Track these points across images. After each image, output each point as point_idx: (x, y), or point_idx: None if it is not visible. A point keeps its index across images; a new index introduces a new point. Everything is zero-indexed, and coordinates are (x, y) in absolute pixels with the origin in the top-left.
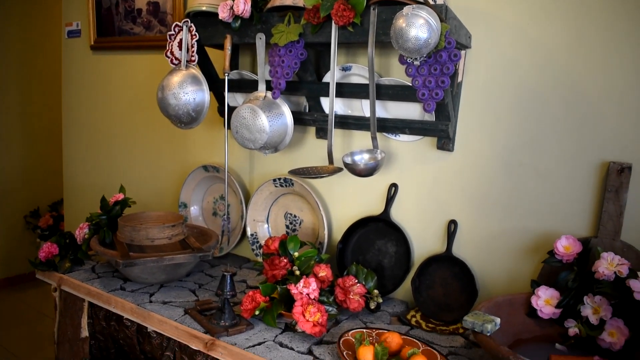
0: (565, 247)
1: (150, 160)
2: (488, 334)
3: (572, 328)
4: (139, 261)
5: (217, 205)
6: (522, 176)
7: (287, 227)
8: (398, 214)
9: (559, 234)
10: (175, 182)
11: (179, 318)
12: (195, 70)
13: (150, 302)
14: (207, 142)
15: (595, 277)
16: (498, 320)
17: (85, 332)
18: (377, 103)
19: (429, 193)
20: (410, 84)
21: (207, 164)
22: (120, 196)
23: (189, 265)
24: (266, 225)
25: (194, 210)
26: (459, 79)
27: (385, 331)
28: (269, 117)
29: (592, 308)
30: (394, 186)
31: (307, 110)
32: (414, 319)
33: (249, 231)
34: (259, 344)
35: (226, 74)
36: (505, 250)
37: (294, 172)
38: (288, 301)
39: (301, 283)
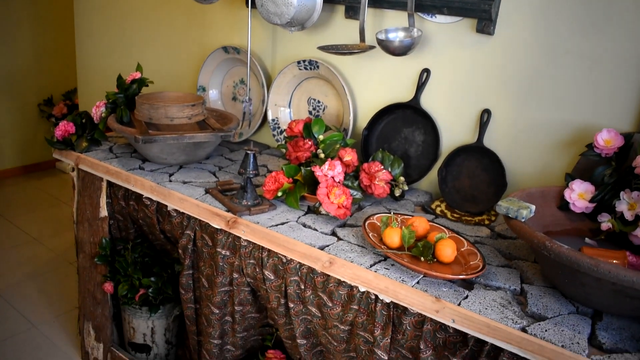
0: (606, 140)
1: (167, 42)
2: (522, 220)
3: (605, 223)
4: (159, 138)
5: (237, 90)
6: (566, 65)
7: (310, 113)
8: (428, 102)
9: (599, 128)
10: (193, 64)
11: (199, 197)
12: None
13: (170, 181)
14: (228, 22)
15: (635, 173)
16: (533, 207)
17: (104, 212)
18: None
19: (464, 80)
20: None
21: (227, 45)
22: (137, 74)
23: (209, 147)
24: (288, 110)
25: (212, 94)
26: None
27: (412, 216)
28: None
29: (628, 204)
30: (426, 72)
31: None
32: (438, 209)
33: (270, 116)
34: (282, 223)
35: None
36: (540, 143)
37: (323, 48)
38: (312, 184)
39: (326, 165)
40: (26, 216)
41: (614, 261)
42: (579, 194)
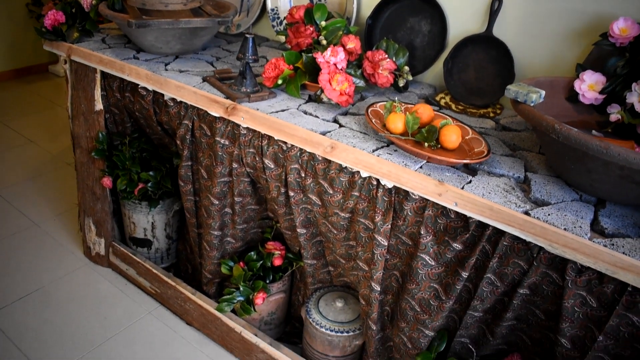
0: (622, 29)
1: None
2: (532, 104)
3: (615, 114)
4: (153, 22)
5: None
6: None
7: (312, 1)
8: None
9: (615, 17)
10: None
11: (197, 85)
12: None
13: (166, 70)
14: None
15: None
16: (543, 92)
17: (99, 105)
18: None
19: None
20: None
21: None
22: None
23: (205, 36)
24: (288, 0)
25: None
26: None
27: (415, 105)
28: None
29: (639, 96)
30: None
31: None
32: (443, 101)
33: (269, 5)
34: (282, 110)
35: None
36: (552, 32)
37: None
38: (313, 72)
39: (328, 51)
40: (21, 119)
41: None
42: (590, 85)
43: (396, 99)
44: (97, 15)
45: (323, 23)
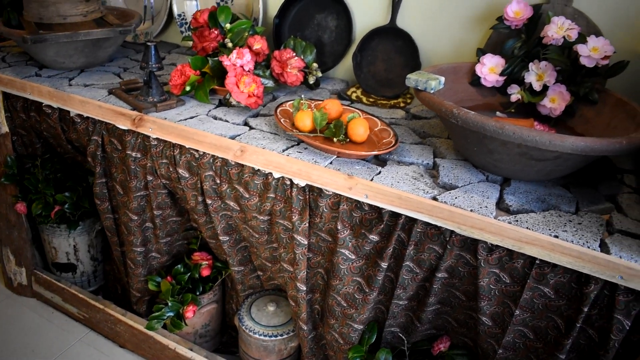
0: (516, 12)
1: None
2: (431, 92)
3: (515, 94)
4: (50, 36)
5: None
6: None
7: (218, 4)
8: None
9: (509, 0)
10: None
11: (102, 98)
12: None
13: (70, 85)
14: None
15: (543, 43)
16: (442, 79)
17: (4, 128)
18: None
19: None
20: None
21: None
22: None
23: (110, 47)
24: (195, 3)
25: None
26: None
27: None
28: None
29: (536, 74)
30: None
31: None
32: (354, 94)
33: (175, 11)
34: (191, 117)
35: None
36: (453, 20)
37: None
38: (221, 75)
39: (234, 54)
40: None
41: None
42: (490, 68)
43: (302, 97)
44: None
45: (228, 25)
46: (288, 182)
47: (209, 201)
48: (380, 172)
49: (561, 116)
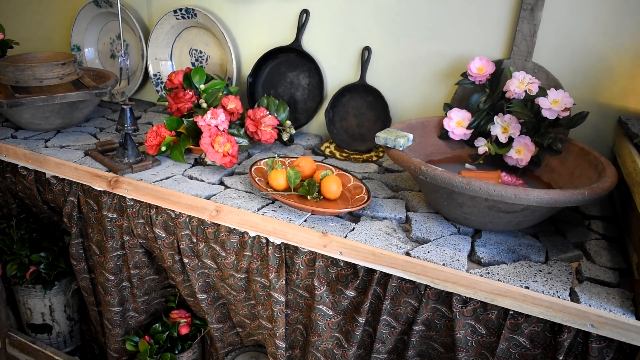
0: (479, 68)
1: (38, 1)
2: (400, 149)
3: (482, 147)
4: (26, 100)
5: (114, 46)
6: None
7: (193, 64)
8: (310, 43)
9: (473, 57)
10: (66, 23)
11: (78, 160)
12: None
13: (46, 147)
14: None
15: (506, 97)
16: (411, 136)
17: None
18: None
19: (342, 18)
20: None
21: None
22: None
23: (86, 108)
24: (170, 63)
25: (88, 52)
26: None
27: (299, 157)
28: None
29: (501, 127)
30: (305, 12)
31: None
32: (328, 150)
33: (151, 71)
34: (167, 178)
35: None
36: (420, 76)
37: None
38: (196, 135)
39: (208, 114)
40: None
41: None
42: (457, 122)
43: (276, 155)
44: None
45: (202, 86)
46: (264, 240)
47: (186, 260)
48: (354, 229)
49: (528, 166)
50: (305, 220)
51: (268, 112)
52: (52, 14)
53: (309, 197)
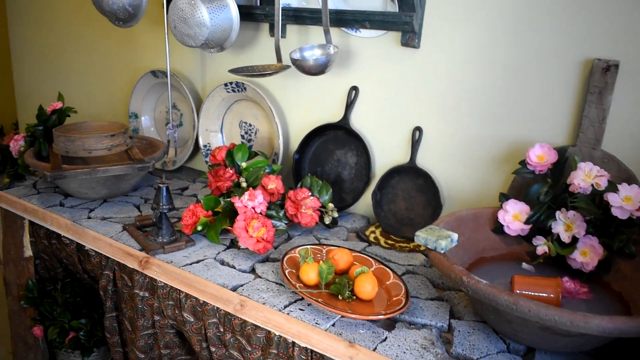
0: (539, 156)
1: (101, 69)
2: (442, 252)
3: (541, 246)
4: (69, 173)
5: (170, 115)
6: (496, 77)
7: (243, 137)
8: (359, 121)
9: (533, 143)
10: (126, 91)
11: (115, 235)
12: None
13: (89, 218)
14: (156, 44)
15: (569, 191)
16: (455, 236)
17: (28, 252)
18: None
19: (393, 97)
20: None
21: (155, 69)
22: (58, 105)
23: (132, 179)
24: (220, 136)
25: (145, 120)
26: None
27: (337, 247)
28: (209, 9)
29: (564, 224)
30: (354, 89)
31: (258, 4)
32: (372, 235)
33: (201, 142)
34: (198, 261)
35: None
36: (474, 160)
37: (235, 70)
38: (233, 216)
39: (246, 195)
40: None
41: (545, 293)
42: (514, 215)
43: (309, 247)
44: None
45: (244, 164)
46: (290, 341)
47: (212, 348)
48: (386, 339)
49: (595, 270)
50: (333, 325)
51: (310, 194)
52: (113, 82)
53: (340, 296)
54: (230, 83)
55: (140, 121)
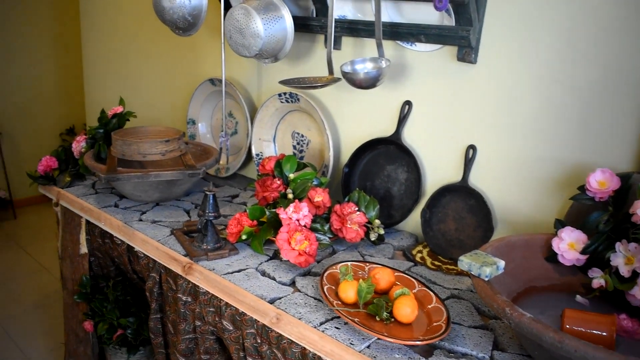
0: (600, 182)
1: (162, 76)
2: (486, 279)
3: (597, 279)
4: (122, 176)
5: (224, 123)
6: (556, 96)
7: (294, 147)
8: (411, 136)
9: (594, 167)
10: (185, 97)
11: (162, 238)
12: None
13: (140, 220)
14: (214, 53)
15: (632, 221)
16: (502, 263)
17: (84, 249)
18: (390, 4)
19: (447, 113)
20: None
21: (213, 77)
22: (119, 109)
23: (184, 184)
24: (273, 145)
25: (201, 127)
26: None
27: (380, 266)
28: (264, 20)
29: (624, 257)
30: (407, 104)
31: (314, 15)
32: (419, 255)
33: (254, 151)
34: (239, 271)
35: None
36: (530, 183)
37: (286, 82)
38: (278, 226)
39: (291, 207)
40: (39, 245)
41: (598, 330)
42: (569, 244)
43: (349, 264)
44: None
45: (292, 175)
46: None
47: (249, 359)
48: None
49: None
50: (368, 346)
51: (357, 209)
52: (173, 89)
53: (377, 317)
54: (284, 93)
55: (197, 127)
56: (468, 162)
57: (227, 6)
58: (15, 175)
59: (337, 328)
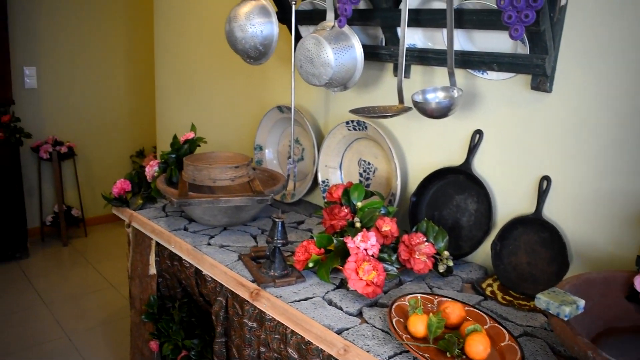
0: None
1: (231, 101)
2: (565, 319)
3: None
4: (193, 201)
5: (292, 150)
6: (635, 126)
7: (361, 175)
8: (481, 166)
9: None
10: (253, 123)
11: (230, 263)
12: (265, 1)
13: (209, 244)
14: (283, 81)
15: None
16: (582, 303)
17: (153, 270)
18: (462, 33)
19: (520, 143)
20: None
21: (281, 105)
22: (191, 135)
23: (252, 209)
24: (339, 172)
25: (268, 153)
26: (563, 1)
27: (449, 299)
28: (335, 50)
29: None
30: (478, 133)
31: (383, 44)
32: (489, 289)
33: (320, 178)
34: (306, 299)
35: (293, 2)
36: (609, 217)
37: (356, 111)
38: (345, 255)
39: (359, 236)
40: (109, 263)
41: None
42: None
43: (419, 297)
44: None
45: (359, 204)
46: None
47: None
48: None
49: None
50: None
51: (425, 239)
52: (241, 115)
53: (448, 354)
54: (352, 121)
55: (264, 153)
56: (542, 194)
57: (298, 36)
58: (87, 194)
59: None
